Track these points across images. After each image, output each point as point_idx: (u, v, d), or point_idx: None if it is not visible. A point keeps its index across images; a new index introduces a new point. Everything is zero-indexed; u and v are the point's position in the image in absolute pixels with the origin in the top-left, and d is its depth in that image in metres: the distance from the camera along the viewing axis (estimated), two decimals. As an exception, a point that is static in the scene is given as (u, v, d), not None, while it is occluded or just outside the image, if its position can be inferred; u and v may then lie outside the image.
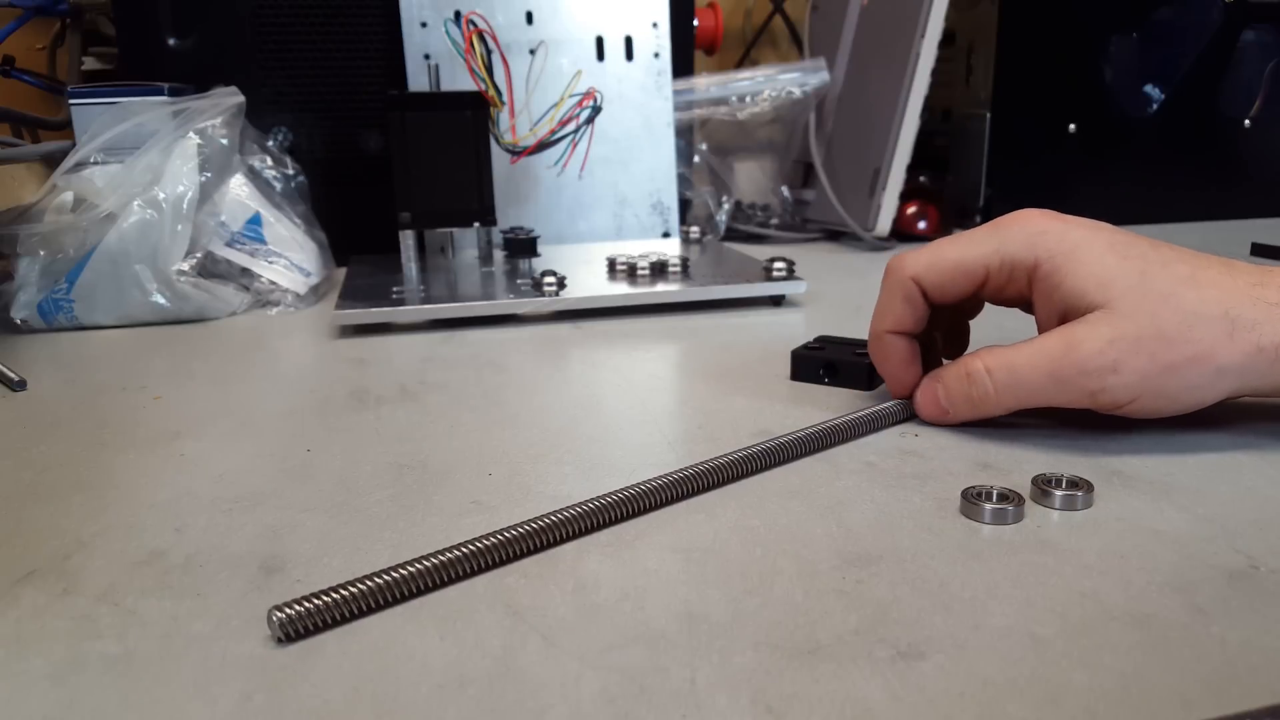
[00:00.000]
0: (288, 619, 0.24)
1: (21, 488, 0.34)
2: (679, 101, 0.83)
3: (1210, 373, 0.33)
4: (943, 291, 0.38)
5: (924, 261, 0.38)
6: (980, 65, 0.87)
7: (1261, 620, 0.24)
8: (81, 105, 0.61)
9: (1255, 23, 0.89)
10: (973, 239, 0.37)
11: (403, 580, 0.26)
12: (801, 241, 0.88)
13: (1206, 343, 0.33)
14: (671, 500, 0.32)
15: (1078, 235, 0.35)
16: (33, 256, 0.57)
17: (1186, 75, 0.89)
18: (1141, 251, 0.34)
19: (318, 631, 0.24)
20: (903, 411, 0.39)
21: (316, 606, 0.24)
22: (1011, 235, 0.36)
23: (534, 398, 0.44)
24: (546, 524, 0.28)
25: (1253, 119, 0.92)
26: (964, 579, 0.26)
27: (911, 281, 0.38)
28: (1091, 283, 0.34)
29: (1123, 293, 0.33)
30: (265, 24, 0.73)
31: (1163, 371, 0.33)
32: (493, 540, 0.27)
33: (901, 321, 0.38)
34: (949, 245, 0.38)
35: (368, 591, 0.25)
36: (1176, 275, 0.33)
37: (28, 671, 0.23)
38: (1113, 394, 0.34)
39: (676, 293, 0.59)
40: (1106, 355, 0.33)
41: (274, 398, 0.45)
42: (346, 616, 0.25)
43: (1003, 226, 0.37)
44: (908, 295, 0.38)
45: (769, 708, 0.21)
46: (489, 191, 0.66)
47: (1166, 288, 0.33)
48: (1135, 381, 0.33)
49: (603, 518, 0.30)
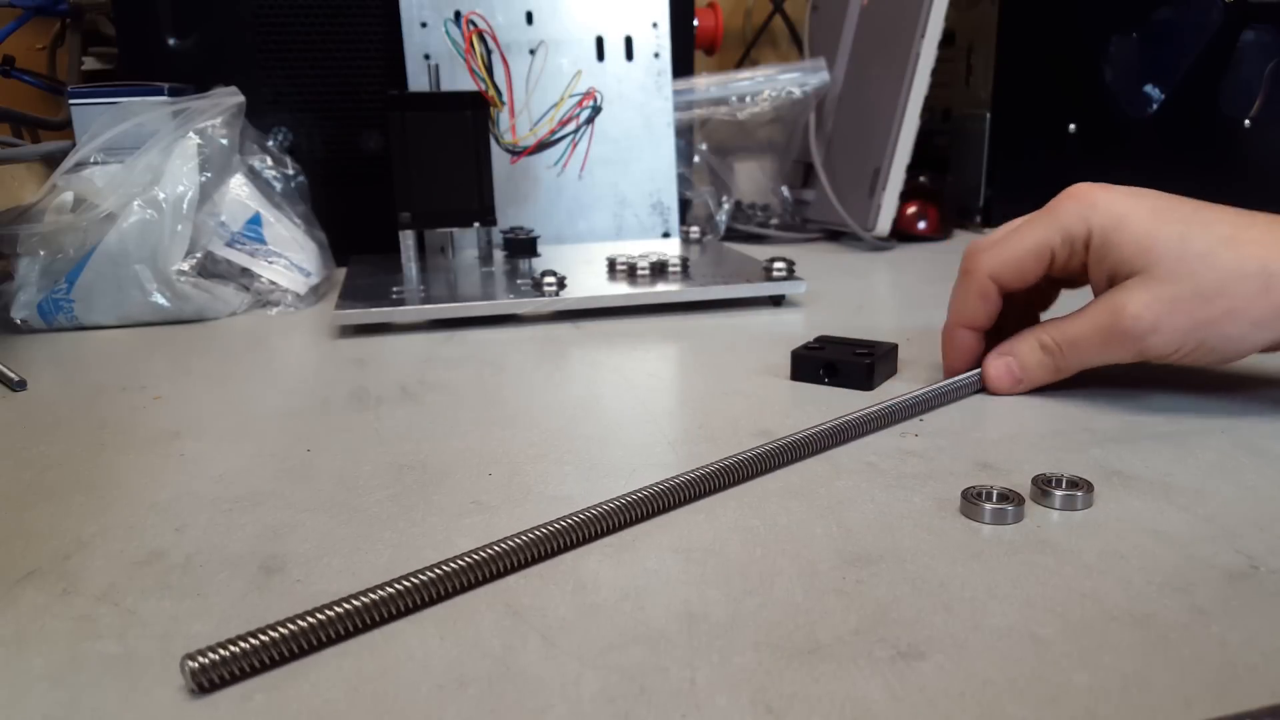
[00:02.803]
0: (200, 668, 0.22)
1: (21, 488, 0.34)
2: (679, 101, 0.83)
3: (1246, 326, 0.36)
4: (1019, 281, 0.41)
5: (998, 259, 0.40)
6: (980, 65, 0.87)
7: (1261, 620, 0.24)
8: (81, 105, 0.61)
9: (1255, 23, 0.89)
10: (1034, 225, 0.40)
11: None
12: (801, 241, 0.88)
13: (1241, 298, 0.35)
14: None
15: (1123, 206, 0.38)
16: (33, 256, 0.57)
17: (1186, 75, 0.89)
18: (1184, 215, 0.37)
19: (236, 680, 0.22)
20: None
21: (234, 653, 0.22)
22: (1067, 213, 0.39)
23: (534, 398, 0.44)
24: (490, 555, 0.27)
25: (1253, 119, 0.92)
26: (964, 579, 0.26)
27: (988, 279, 0.41)
28: (1134, 249, 0.37)
29: (1162, 256, 0.36)
30: (265, 24, 0.73)
31: (1199, 326, 0.36)
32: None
33: (976, 318, 0.42)
34: (1015, 238, 0.40)
35: (302, 631, 0.23)
36: (1217, 235, 0.36)
37: (28, 671, 0.23)
38: (1157, 349, 0.37)
39: (676, 293, 0.59)
40: (1145, 318, 0.36)
41: (274, 398, 0.45)
42: (277, 659, 0.23)
43: (1059, 207, 0.39)
44: (983, 293, 0.41)
45: (769, 708, 0.21)
46: (489, 191, 0.66)
47: (1205, 248, 0.36)
48: (1175, 338, 0.36)
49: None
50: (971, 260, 0.41)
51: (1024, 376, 0.41)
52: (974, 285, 0.41)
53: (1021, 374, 0.41)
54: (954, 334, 0.42)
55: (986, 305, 0.41)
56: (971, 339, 0.42)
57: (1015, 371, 0.41)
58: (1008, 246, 0.40)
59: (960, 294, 0.42)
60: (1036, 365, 0.40)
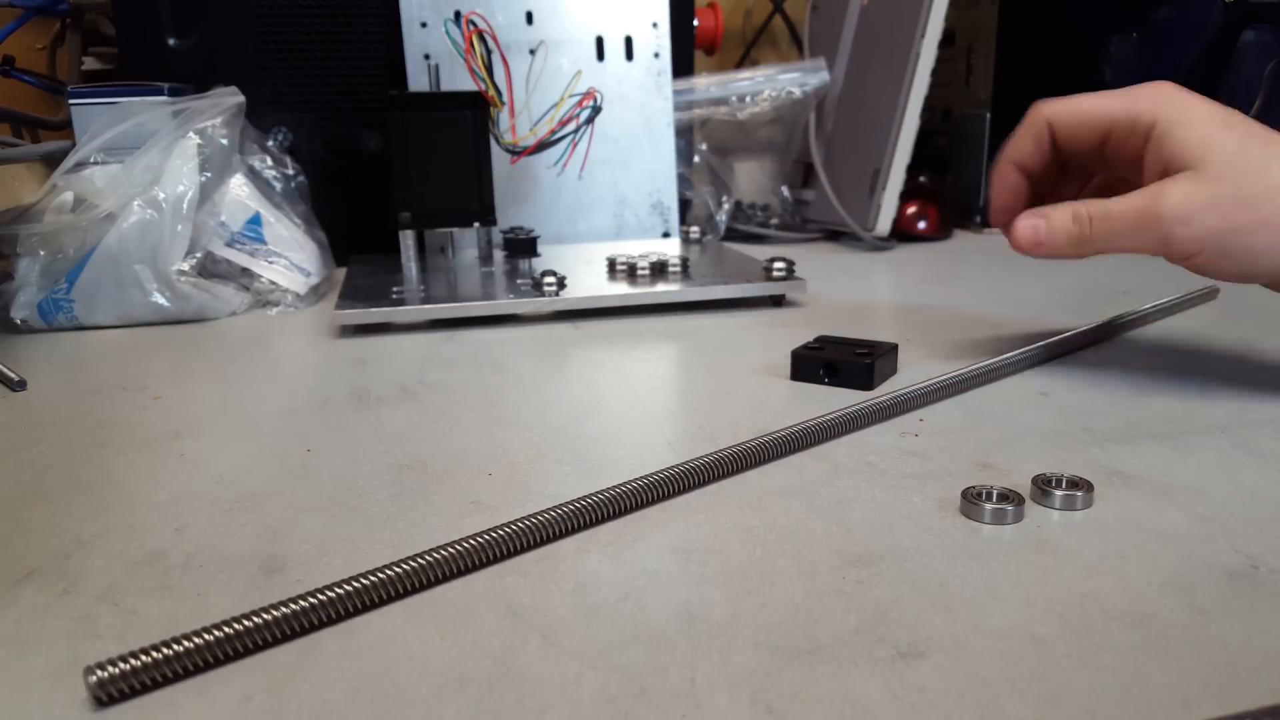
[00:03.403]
0: (107, 678, 0.22)
1: (21, 488, 0.34)
2: (679, 101, 0.83)
3: (1274, 242, 0.36)
4: (1071, 136, 0.42)
5: (1062, 108, 0.42)
6: (980, 65, 0.87)
7: (1261, 620, 0.24)
8: (81, 105, 0.61)
9: (1255, 23, 0.89)
10: (1106, 95, 0.41)
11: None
12: (801, 241, 0.88)
13: (1279, 213, 0.36)
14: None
15: (1195, 107, 0.38)
16: (33, 256, 0.57)
17: (1186, 75, 0.89)
18: (1250, 130, 0.38)
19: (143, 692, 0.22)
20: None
21: (141, 665, 0.22)
22: (1141, 95, 0.40)
23: (534, 398, 0.44)
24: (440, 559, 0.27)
25: (1253, 119, 0.92)
26: (964, 579, 0.26)
27: (1045, 122, 0.42)
28: (1193, 144, 0.37)
29: (1217, 158, 0.37)
30: (265, 24, 0.73)
31: (1230, 231, 0.36)
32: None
33: (1024, 156, 0.43)
34: (1083, 97, 0.41)
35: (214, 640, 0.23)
36: (1274, 153, 0.37)
37: (28, 671, 0.23)
38: (1182, 243, 0.37)
39: (676, 293, 0.59)
40: (1183, 206, 0.37)
41: (274, 398, 0.45)
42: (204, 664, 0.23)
43: (1135, 90, 0.40)
44: (1037, 134, 0.42)
45: (769, 708, 0.21)
46: (489, 191, 0.66)
47: (1260, 161, 0.36)
48: (1202, 234, 0.37)
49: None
50: (1035, 107, 0.43)
51: (1047, 240, 0.41)
52: (1030, 125, 0.42)
53: (1046, 237, 0.41)
54: (1003, 170, 0.44)
55: (1039, 147, 0.42)
56: (1017, 178, 0.43)
57: (1040, 233, 0.41)
58: (1073, 100, 0.41)
59: (1017, 133, 0.43)
60: (1063, 231, 0.40)
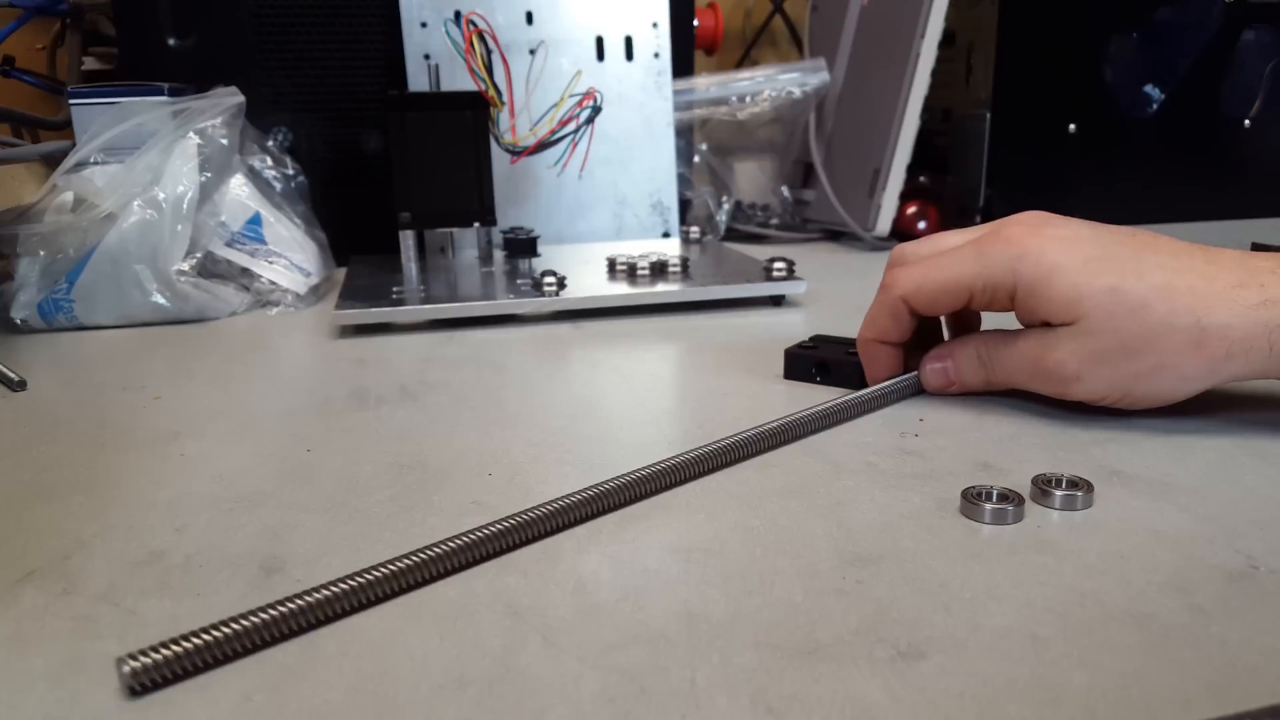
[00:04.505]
0: (141, 668, 0.22)
1: (21, 488, 0.34)
2: (679, 101, 0.83)
3: (1174, 380, 0.35)
4: (931, 309, 0.40)
5: (914, 283, 0.40)
6: (980, 65, 0.87)
7: (1261, 620, 0.24)
8: (81, 105, 0.61)
9: (1255, 23, 0.89)
10: (959, 260, 0.39)
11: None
12: (801, 241, 0.88)
13: (1170, 353, 0.35)
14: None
15: (1055, 256, 0.36)
16: (33, 256, 0.57)
17: (1186, 75, 0.89)
18: (1118, 265, 0.35)
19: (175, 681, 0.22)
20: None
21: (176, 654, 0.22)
22: (993, 259, 0.38)
23: (534, 398, 0.44)
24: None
25: (1253, 119, 0.92)
26: (964, 579, 0.26)
27: (900, 301, 0.40)
28: (1063, 304, 0.36)
29: (1092, 309, 0.35)
30: (265, 24, 0.73)
31: (1126, 379, 0.36)
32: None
33: (887, 334, 0.41)
34: (935, 267, 0.39)
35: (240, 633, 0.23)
36: (1150, 285, 0.35)
37: (28, 671, 0.23)
38: (1081, 395, 0.37)
39: (676, 293, 0.59)
40: (1068, 366, 0.36)
41: (274, 398, 0.45)
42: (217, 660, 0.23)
43: (987, 248, 0.38)
44: (895, 312, 0.41)
45: (769, 708, 0.21)
46: (489, 191, 0.66)
47: (1137, 301, 0.35)
48: (1100, 387, 0.36)
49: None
50: (890, 275, 0.41)
51: (957, 380, 0.41)
52: (886, 304, 0.41)
53: (956, 377, 0.41)
54: (868, 346, 0.42)
55: (898, 324, 0.41)
56: (886, 352, 0.42)
57: (951, 373, 0.41)
58: (928, 276, 0.39)
59: (874, 308, 0.41)
60: (970, 374, 0.41)
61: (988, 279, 0.38)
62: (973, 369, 0.41)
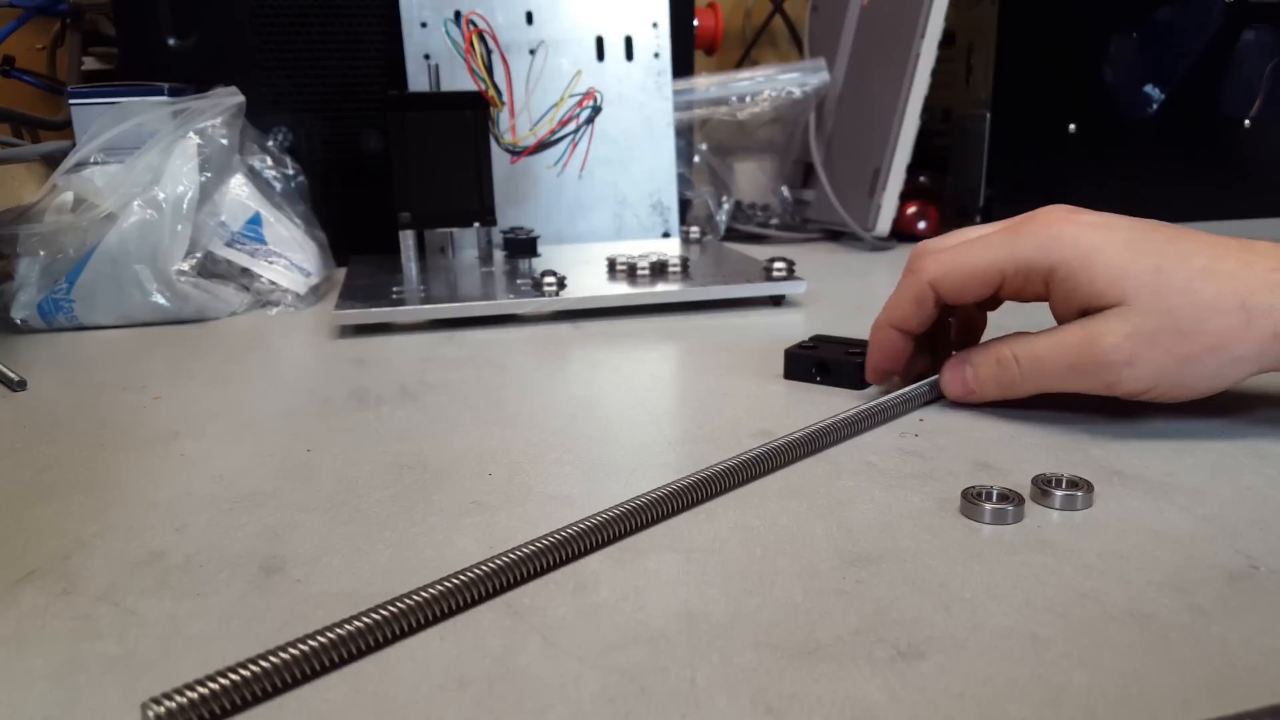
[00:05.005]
0: (165, 713, 0.21)
1: (21, 488, 0.34)
2: (679, 101, 0.83)
3: (1226, 361, 0.34)
4: (959, 296, 0.39)
5: (942, 267, 0.38)
6: (980, 65, 0.87)
7: (1261, 620, 0.24)
8: (81, 105, 0.61)
9: (1255, 23, 0.89)
10: (989, 244, 0.38)
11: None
12: (801, 241, 0.88)
13: (1221, 334, 0.34)
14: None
15: (1093, 238, 0.35)
16: (33, 256, 0.57)
17: (1186, 75, 0.89)
18: (1158, 247, 0.35)
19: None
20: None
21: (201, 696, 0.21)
22: (1027, 240, 0.37)
23: (534, 398, 0.44)
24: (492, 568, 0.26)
25: (1253, 119, 0.92)
26: (964, 579, 0.26)
27: (928, 286, 0.39)
28: (1108, 283, 0.35)
29: (1138, 289, 0.34)
30: (265, 24, 0.73)
31: (1178, 363, 0.34)
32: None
33: (907, 321, 0.40)
34: (965, 251, 0.38)
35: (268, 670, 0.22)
36: (1193, 268, 0.34)
37: (28, 671, 0.23)
38: (1128, 385, 0.35)
39: (676, 293, 0.59)
40: (1123, 349, 0.34)
41: (274, 398, 0.45)
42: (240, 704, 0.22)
43: (1019, 230, 0.37)
44: (920, 298, 0.39)
45: (769, 708, 0.21)
46: (489, 191, 0.66)
47: (1182, 282, 0.34)
48: (1151, 373, 0.35)
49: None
50: (918, 261, 0.39)
51: (977, 389, 0.39)
52: (912, 288, 0.39)
53: (976, 385, 0.39)
54: (882, 332, 0.41)
55: (920, 311, 0.39)
56: (899, 340, 0.40)
57: (970, 381, 0.39)
58: (957, 259, 0.38)
59: (897, 294, 0.40)
60: (991, 379, 0.39)
61: (1020, 261, 0.36)
62: (993, 371, 0.38)
